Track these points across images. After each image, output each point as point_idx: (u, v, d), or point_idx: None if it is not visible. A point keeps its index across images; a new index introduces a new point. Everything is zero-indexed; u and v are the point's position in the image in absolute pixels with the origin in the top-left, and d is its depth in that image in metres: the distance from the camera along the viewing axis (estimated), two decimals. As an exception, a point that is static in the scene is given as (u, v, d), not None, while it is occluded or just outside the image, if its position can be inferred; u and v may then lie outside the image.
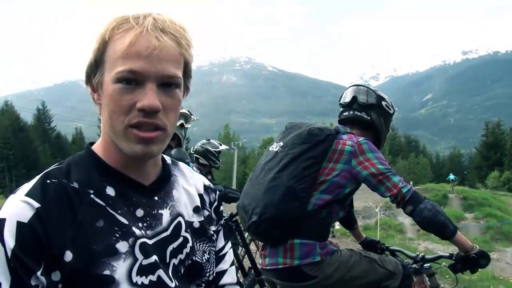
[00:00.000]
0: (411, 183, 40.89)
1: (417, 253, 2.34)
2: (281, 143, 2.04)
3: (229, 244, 1.07)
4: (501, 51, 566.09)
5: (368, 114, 2.15)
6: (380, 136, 2.22)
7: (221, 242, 1.03)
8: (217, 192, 1.07)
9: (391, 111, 2.25)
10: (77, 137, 70.53)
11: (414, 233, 17.24)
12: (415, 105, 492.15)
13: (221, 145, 4.77)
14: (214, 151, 4.59)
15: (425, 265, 2.22)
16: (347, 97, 2.23)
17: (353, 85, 2.29)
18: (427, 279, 2.22)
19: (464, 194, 26.15)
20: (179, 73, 0.79)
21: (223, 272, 1.02)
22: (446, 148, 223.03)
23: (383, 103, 2.20)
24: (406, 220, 20.45)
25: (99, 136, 0.82)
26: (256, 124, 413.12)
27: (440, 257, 2.20)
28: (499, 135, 57.11)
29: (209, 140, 4.80)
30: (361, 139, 1.98)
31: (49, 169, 0.81)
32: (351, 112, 2.19)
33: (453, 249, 2.06)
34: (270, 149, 2.12)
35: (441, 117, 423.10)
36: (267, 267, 1.99)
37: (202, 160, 4.59)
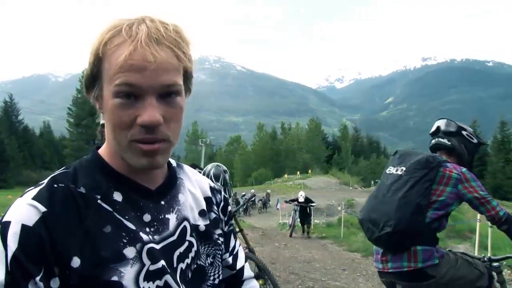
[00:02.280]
0: (372, 182, 41.84)
1: (483, 255, 2.69)
2: (403, 168, 2.46)
3: (238, 241, 1.09)
4: (457, 59, 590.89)
5: (449, 140, 2.56)
6: (462, 160, 2.55)
7: (232, 241, 1.05)
8: (222, 193, 1.06)
9: (475, 141, 2.62)
10: (44, 130, 68.56)
11: (374, 231, 17.73)
12: (377, 108, 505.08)
13: (217, 181, 4.24)
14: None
15: (493, 264, 2.54)
16: (433, 128, 2.69)
17: (439, 119, 2.71)
18: (496, 277, 2.57)
19: (422, 194, 27.07)
20: (179, 80, 0.77)
21: (242, 268, 1.05)
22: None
23: (464, 132, 2.57)
24: (366, 219, 20.97)
25: (67, 130, 0.85)
26: (224, 122, 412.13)
27: (508, 257, 2.58)
28: (455, 139, 59.54)
29: (219, 165, 4.49)
30: (463, 169, 2.40)
31: (56, 174, 0.80)
32: (436, 139, 2.62)
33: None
34: (388, 171, 2.59)
35: (401, 119, 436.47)
36: (390, 270, 2.40)
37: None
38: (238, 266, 1.04)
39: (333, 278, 6.92)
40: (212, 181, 4.45)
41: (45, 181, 0.78)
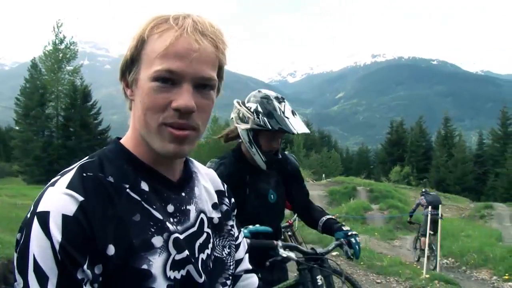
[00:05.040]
0: (323, 175, 43.01)
1: None
2: None
3: (242, 234, 1.09)
4: (404, 57, 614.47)
5: None
6: None
7: (236, 232, 1.05)
8: (225, 185, 1.08)
9: None
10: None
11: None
12: (328, 102, 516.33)
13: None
14: None
15: None
16: None
17: None
18: None
19: (371, 186, 28.00)
20: (215, 76, 0.80)
21: (239, 261, 1.05)
22: (355, 143, 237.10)
23: None
24: (319, 211, 21.42)
25: (15, 120, 0.83)
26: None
27: None
28: (401, 133, 61.87)
29: None
30: None
31: (82, 162, 0.80)
32: None
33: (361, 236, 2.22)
34: None
35: (351, 114, 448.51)
36: None
37: None
38: (237, 257, 1.03)
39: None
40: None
41: (73, 169, 0.77)
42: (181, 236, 0.82)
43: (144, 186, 0.81)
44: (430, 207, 8.57)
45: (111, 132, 39.64)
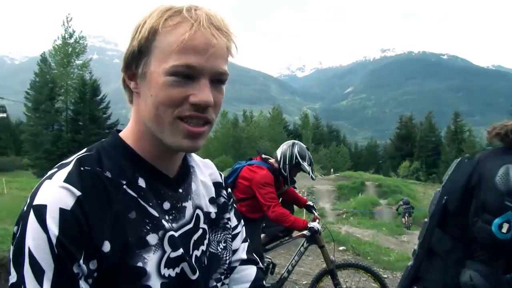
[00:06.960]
0: (332, 170, 42.96)
1: None
2: None
3: (242, 223, 1.06)
4: (414, 51, 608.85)
5: None
6: None
7: (233, 222, 1.03)
8: (222, 175, 1.07)
9: None
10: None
11: (334, 218, 18.20)
12: (337, 97, 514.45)
13: (304, 160, 3.77)
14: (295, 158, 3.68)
15: None
16: None
17: None
18: None
19: (379, 181, 27.93)
20: (228, 70, 0.79)
21: (234, 251, 1.01)
22: (363, 138, 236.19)
23: None
24: (327, 206, 21.50)
25: (25, 114, 0.78)
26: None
27: None
28: (411, 128, 61.60)
29: (297, 143, 3.92)
30: None
31: (80, 155, 0.78)
32: None
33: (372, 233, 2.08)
34: None
35: (360, 109, 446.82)
36: None
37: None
38: (232, 247, 1.01)
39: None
40: (299, 160, 3.61)
41: (71, 162, 0.76)
42: (176, 234, 0.82)
43: (141, 182, 0.80)
44: (404, 205, 18.89)
45: (120, 126, 39.70)
